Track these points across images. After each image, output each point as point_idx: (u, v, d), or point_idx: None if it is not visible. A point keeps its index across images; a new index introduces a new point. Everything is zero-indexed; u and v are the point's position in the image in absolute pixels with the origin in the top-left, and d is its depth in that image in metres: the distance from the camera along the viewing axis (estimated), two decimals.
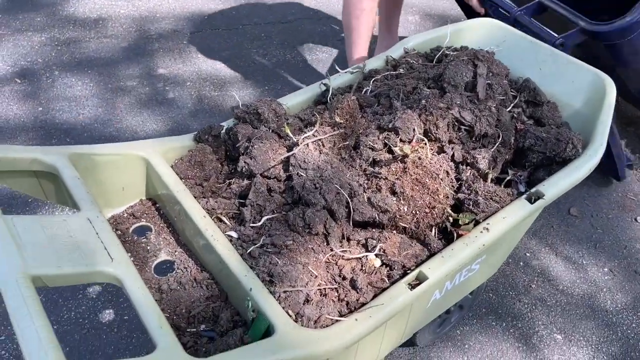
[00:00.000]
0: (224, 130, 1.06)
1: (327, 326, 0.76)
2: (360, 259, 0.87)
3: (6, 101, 2.08)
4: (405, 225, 0.92)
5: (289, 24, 2.72)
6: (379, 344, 0.93)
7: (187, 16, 2.69)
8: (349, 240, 0.91)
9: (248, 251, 0.84)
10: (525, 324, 1.47)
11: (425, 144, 0.96)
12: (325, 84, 1.18)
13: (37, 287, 0.61)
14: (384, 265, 0.88)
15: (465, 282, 1.06)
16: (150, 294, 0.68)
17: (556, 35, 1.36)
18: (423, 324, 1.09)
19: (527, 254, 1.66)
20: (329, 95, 1.15)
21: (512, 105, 1.17)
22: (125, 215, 0.99)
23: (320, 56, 2.48)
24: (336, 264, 0.86)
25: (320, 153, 0.94)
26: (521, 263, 1.63)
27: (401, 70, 1.21)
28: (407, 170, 0.94)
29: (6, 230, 0.64)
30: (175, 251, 0.94)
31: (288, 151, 0.98)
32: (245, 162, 0.96)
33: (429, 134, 1.01)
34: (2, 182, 0.83)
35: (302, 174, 0.91)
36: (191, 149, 1.04)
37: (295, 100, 1.16)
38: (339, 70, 1.26)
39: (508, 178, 1.05)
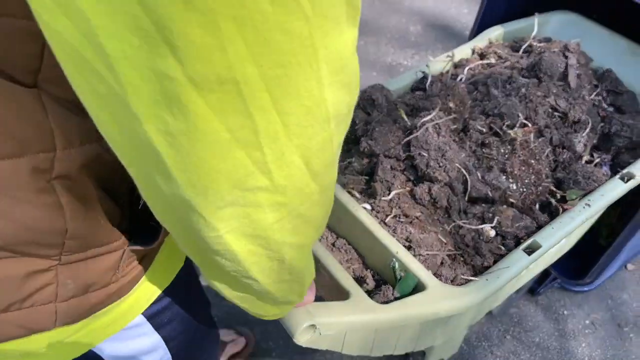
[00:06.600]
0: None
1: (461, 285, 0.89)
2: (478, 230, 0.99)
3: None
4: (514, 201, 1.04)
5: None
6: (488, 304, 1.06)
7: None
8: (465, 213, 1.03)
9: (385, 221, 0.96)
10: None
11: (531, 130, 1.07)
12: (423, 72, 1.29)
13: None
14: (498, 236, 1.00)
15: (548, 258, 1.19)
16: (329, 252, 0.81)
17: None
18: (512, 290, 1.22)
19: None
20: (428, 83, 1.26)
21: (594, 93, 1.27)
22: None
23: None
24: (458, 234, 0.99)
25: (439, 136, 1.06)
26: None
27: (492, 60, 1.31)
28: (515, 151, 1.06)
29: None
30: None
31: (404, 134, 1.10)
32: (367, 143, 1.08)
33: (529, 120, 1.13)
34: None
35: (424, 154, 1.03)
36: None
37: (395, 86, 1.27)
38: (431, 58, 1.36)
39: (596, 161, 1.16)
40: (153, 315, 0.66)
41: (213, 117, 0.33)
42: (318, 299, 0.90)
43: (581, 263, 1.52)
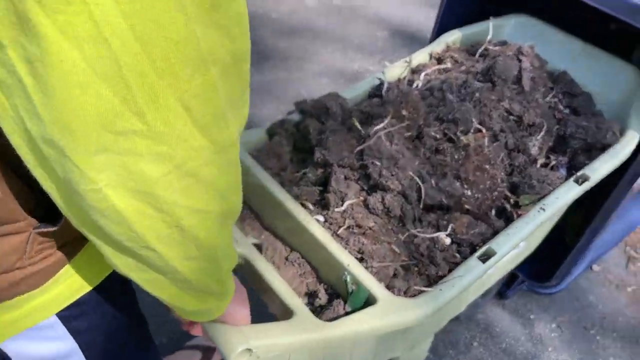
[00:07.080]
0: (292, 124, 1.16)
1: (415, 296, 0.87)
2: (433, 238, 0.98)
3: None
4: (469, 207, 1.03)
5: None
6: (449, 312, 1.04)
7: None
8: (420, 221, 1.02)
9: (337, 232, 0.94)
10: None
11: (484, 135, 1.06)
12: (379, 78, 1.28)
13: None
14: (454, 243, 0.99)
15: (510, 261, 1.18)
16: (274, 269, 0.78)
17: None
18: (476, 295, 1.21)
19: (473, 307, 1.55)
20: (384, 90, 1.24)
21: (550, 95, 1.27)
22: None
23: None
24: (412, 243, 0.97)
25: (392, 144, 1.04)
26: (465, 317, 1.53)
27: (448, 64, 1.31)
28: (469, 157, 1.05)
29: None
30: (262, 235, 1.04)
31: (358, 142, 1.08)
32: (321, 153, 1.06)
33: (483, 124, 1.12)
34: None
35: (377, 163, 1.01)
36: (266, 141, 1.13)
37: (351, 94, 1.26)
38: (387, 64, 1.35)
39: (552, 164, 1.16)
40: (69, 318, 0.61)
41: (65, 42, 0.31)
42: (272, 318, 0.88)
43: (547, 265, 1.52)
